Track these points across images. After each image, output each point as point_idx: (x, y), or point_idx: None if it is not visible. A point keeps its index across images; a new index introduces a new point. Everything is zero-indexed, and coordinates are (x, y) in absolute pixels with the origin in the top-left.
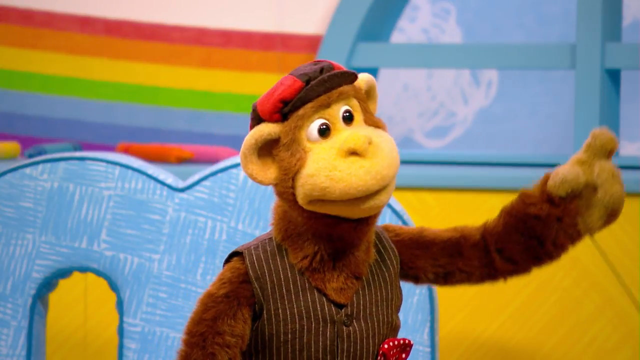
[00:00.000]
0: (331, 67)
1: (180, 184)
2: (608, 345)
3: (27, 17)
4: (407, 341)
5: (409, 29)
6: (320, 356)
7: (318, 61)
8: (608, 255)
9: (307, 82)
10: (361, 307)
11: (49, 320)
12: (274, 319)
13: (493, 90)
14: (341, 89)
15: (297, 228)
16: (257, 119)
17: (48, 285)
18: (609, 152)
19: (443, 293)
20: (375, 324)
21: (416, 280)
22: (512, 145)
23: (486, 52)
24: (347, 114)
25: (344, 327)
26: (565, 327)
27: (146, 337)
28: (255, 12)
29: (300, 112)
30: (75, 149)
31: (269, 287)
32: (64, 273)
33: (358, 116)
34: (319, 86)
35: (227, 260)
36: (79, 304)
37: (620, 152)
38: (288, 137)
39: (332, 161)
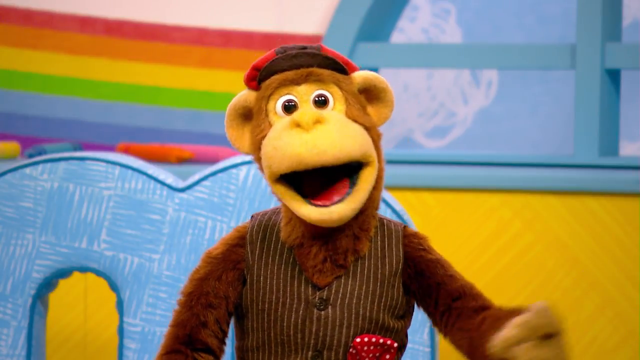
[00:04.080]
0: (318, 48)
1: (180, 184)
2: (608, 345)
3: (27, 17)
4: (389, 342)
5: (409, 29)
6: (292, 332)
7: (315, 44)
8: (608, 255)
9: (281, 54)
10: (339, 295)
11: (49, 320)
12: (255, 286)
13: (493, 90)
14: (312, 69)
15: (288, 210)
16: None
17: (48, 285)
18: (543, 335)
19: None
20: (353, 316)
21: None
22: (512, 145)
23: (486, 52)
24: (321, 99)
25: (316, 310)
26: (565, 327)
27: (146, 337)
28: (256, 12)
29: (267, 82)
30: (75, 149)
31: (257, 254)
32: (64, 273)
33: (338, 105)
34: (285, 60)
35: None
36: (79, 304)
37: (620, 152)
38: (257, 106)
39: (280, 132)
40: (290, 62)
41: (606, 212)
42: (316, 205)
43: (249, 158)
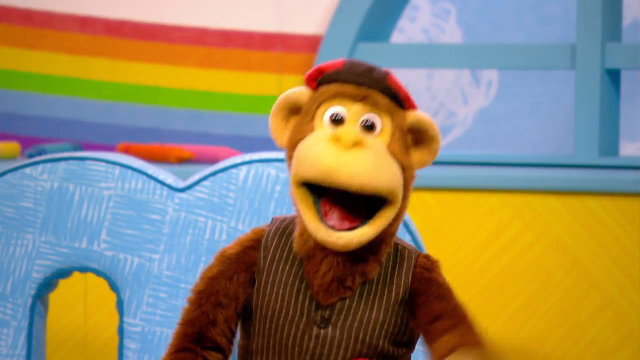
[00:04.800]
0: (386, 75)
1: (180, 184)
2: (608, 345)
3: (27, 17)
4: None
5: (409, 29)
6: (290, 344)
7: (384, 70)
8: (608, 255)
9: (349, 67)
10: (342, 317)
11: (49, 320)
12: (262, 291)
13: (493, 90)
14: (371, 92)
15: (302, 220)
16: None
17: (48, 285)
18: None
19: None
20: (352, 339)
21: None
22: (512, 145)
23: (486, 52)
24: (369, 123)
25: (315, 327)
26: (565, 327)
27: (146, 337)
28: (256, 12)
29: (325, 87)
30: (75, 149)
31: (269, 260)
32: (64, 273)
33: (384, 135)
34: (349, 74)
35: None
36: (79, 304)
37: (620, 152)
38: (307, 107)
39: (319, 140)
40: (353, 78)
41: (606, 212)
42: (327, 225)
43: (249, 158)
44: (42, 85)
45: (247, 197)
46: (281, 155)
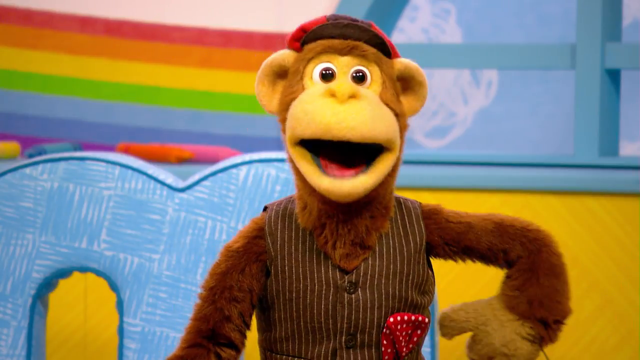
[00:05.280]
0: (369, 25)
1: (180, 184)
2: (608, 345)
3: (27, 17)
4: (420, 318)
5: (409, 29)
6: (322, 319)
7: (367, 21)
8: (608, 255)
9: (332, 21)
10: (368, 277)
11: (49, 320)
12: (280, 276)
13: (493, 90)
14: (358, 43)
15: (302, 189)
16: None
17: (48, 285)
18: None
19: (443, 293)
20: (383, 296)
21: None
22: (512, 145)
23: (486, 52)
24: (359, 74)
25: (346, 294)
26: (565, 327)
27: (146, 337)
28: (256, 12)
29: (311, 45)
30: (75, 149)
31: (278, 244)
32: (64, 273)
33: (375, 85)
34: (335, 27)
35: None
36: (79, 304)
37: (620, 152)
38: (294, 67)
39: (314, 97)
40: (339, 31)
41: (606, 212)
42: (329, 175)
43: (249, 158)
44: (42, 85)
45: (247, 197)
46: (281, 155)
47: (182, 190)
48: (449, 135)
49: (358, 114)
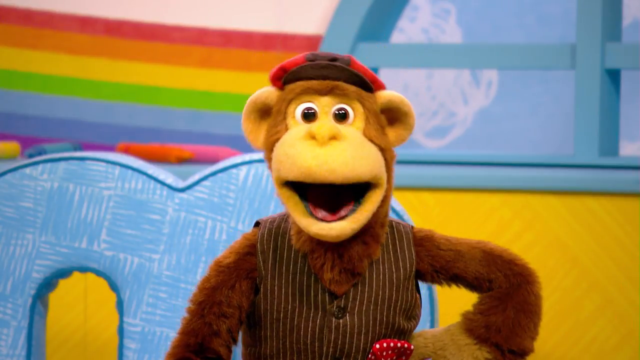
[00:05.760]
0: (348, 62)
1: (180, 184)
2: (608, 345)
3: (27, 17)
4: (406, 345)
5: (409, 29)
6: (309, 341)
7: (346, 56)
8: (608, 255)
9: (311, 61)
10: (357, 303)
11: (49, 320)
12: (269, 296)
13: (493, 90)
14: (338, 83)
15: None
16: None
17: (48, 285)
18: None
19: (443, 293)
20: (370, 322)
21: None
22: (512, 145)
23: (486, 52)
24: (341, 112)
25: (334, 319)
26: (565, 327)
27: (146, 337)
28: (256, 12)
29: (291, 86)
30: (75, 149)
31: (270, 264)
32: (64, 273)
33: (358, 122)
34: (313, 69)
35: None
36: (79, 304)
37: (620, 152)
38: (277, 107)
39: (294, 139)
40: (318, 72)
41: (606, 212)
42: (317, 219)
43: (249, 158)
44: (42, 85)
45: (247, 197)
46: None
47: (182, 190)
48: (449, 135)
49: (339, 156)
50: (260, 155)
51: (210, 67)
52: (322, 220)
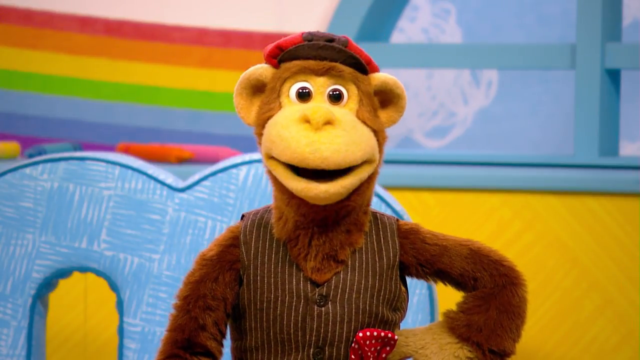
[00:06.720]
0: (345, 43)
1: (180, 184)
2: (608, 345)
3: (27, 17)
4: (390, 335)
5: (409, 29)
6: (292, 330)
7: (343, 37)
8: (608, 255)
9: (308, 41)
10: (339, 290)
11: (49, 320)
12: (252, 286)
13: (493, 90)
14: (334, 64)
15: (279, 199)
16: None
17: (48, 285)
18: None
19: (443, 293)
20: (353, 310)
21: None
22: (512, 145)
23: (486, 52)
24: (336, 93)
25: (316, 307)
26: (565, 327)
27: (146, 337)
28: (256, 12)
29: (287, 64)
30: (75, 149)
31: (252, 254)
32: (64, 273)
33: (351, 103)
34: (310, 49)
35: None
36: (79, 304)
37: (620, 152)
38: (271, 85)
39: (289, 121)
40: (315, 52)
41: (606, 212)
42: (306, 178)
43: (249, 158)
44: (42, 85)
45: (247, 197)
46: None
47: (182, 190)
48: (449, 135)
49: (332, 143)
50: (260, 156)
51: (210, 67)
52: (311, 180)
